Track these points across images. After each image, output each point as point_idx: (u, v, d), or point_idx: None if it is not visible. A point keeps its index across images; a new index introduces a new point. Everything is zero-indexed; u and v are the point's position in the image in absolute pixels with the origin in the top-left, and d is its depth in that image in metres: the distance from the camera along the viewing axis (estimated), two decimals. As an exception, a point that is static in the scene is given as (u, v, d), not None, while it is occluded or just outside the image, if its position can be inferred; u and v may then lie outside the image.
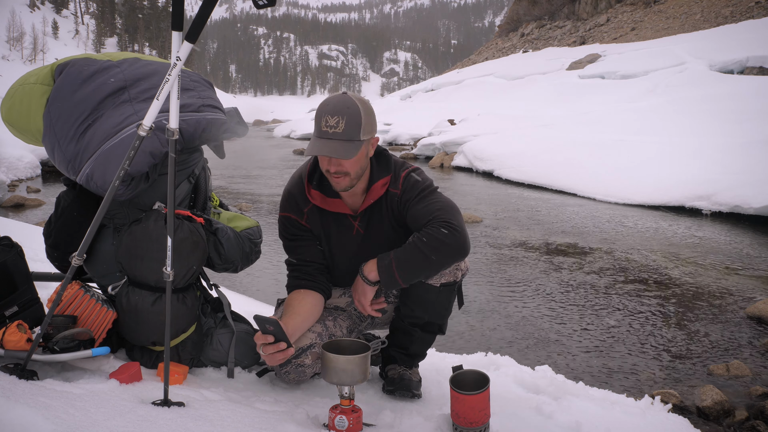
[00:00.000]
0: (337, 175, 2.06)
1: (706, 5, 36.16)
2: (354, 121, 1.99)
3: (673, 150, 11.34)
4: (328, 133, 1.99)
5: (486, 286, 5.57)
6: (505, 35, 58.52)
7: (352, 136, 1.99)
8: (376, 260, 2.12)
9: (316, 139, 2.02)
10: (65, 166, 2.13)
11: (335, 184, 2.10)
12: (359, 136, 2.01)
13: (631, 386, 3.56)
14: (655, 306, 5.01)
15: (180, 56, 1.75)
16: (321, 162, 2.09)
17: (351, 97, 2.04)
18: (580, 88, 22.65)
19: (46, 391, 1.72)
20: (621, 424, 2.21)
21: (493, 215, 9.17)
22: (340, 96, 2.04)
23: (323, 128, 2.00)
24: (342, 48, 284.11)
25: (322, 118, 2.01)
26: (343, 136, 1.99)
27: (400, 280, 2.08)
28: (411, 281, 2.10)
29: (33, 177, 12.48)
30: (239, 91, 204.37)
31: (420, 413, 2.13)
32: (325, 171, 2.08)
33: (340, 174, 2.05)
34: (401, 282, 2.08)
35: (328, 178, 2.11)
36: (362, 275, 2.16)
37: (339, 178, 2.06)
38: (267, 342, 1.93)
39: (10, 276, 2.12)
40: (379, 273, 2.10)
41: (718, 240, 7.45)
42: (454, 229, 2.03)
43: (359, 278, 2.18)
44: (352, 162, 2.04)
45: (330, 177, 2.09)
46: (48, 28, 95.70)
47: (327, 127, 1.99)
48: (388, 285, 2.11)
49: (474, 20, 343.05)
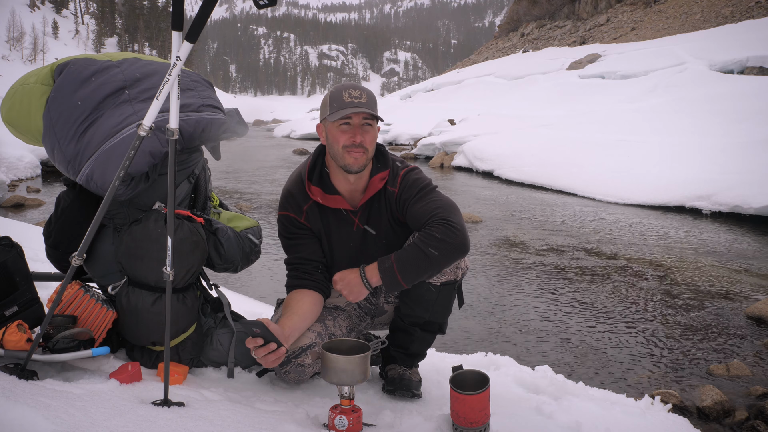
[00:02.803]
0: (357, 149, 2.08)
1: (706, 5, 36.15)
2: (372, 98, 2.12)
3: (673, 150, 11.34)
4: (353, 102, 2.06)
5: (486, 285, 5.57)
6: (505, 35, 58.50)
7: (374, 108, 2.10)
8: (377, 264, 2.10)
9: (341, 110, 2.06)
10: (65, 166, 2.13)
11: (353, 161, 2.09)
12: (377, 112, 2.11)
13: (631, 386, 3.56)
14: (655, 306, 5.01)
15: (180, 56, 1.75)
16: (339, 139, 2.09)
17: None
18: (580, 88, 22.62)
19: (46, 391, 1.72)
20: (621, 424, 2.20)
21: (493, 215, 9.17)
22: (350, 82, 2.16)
23: (347, 99, 2.07)
24: (342, 48, 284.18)
25: (344, 92, 2.08)
26: (367, 107, 2.07)
27: (402, 282, 2.07)
28: (413, 282, 2.10)
29: (33, 177, 12.47)
30: (239, 91, 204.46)
31: (420, 413, 2.13)
32: (342, 148, 2.09)
33: (361, 148, 2.08)
34: (404, 283, 2.08)
35: (344, 158, 2.10)
36: (363, 277, 2.12)
37: (359, 152, 2.08)
38: (257, 345, 1.92)
39: (10, 276, 2.12)
40: (381, 276, 2.08)
41: (718, 240, 7.45)
42: (454, 228, 2.04)
43: (357, 277, 2.13)
44: (372, 137, 2.12)
45: (348, 154, 2.09)
46: (48, 28, 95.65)
47: (351, 98, 2.07)
48: (391, 287, 2.10)
49: (474, 20, 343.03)
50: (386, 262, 2.08)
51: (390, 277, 2.07)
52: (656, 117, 14.31)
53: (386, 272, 2.07)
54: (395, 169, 2.22)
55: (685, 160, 10.61)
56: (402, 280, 2.06)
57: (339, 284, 2.17)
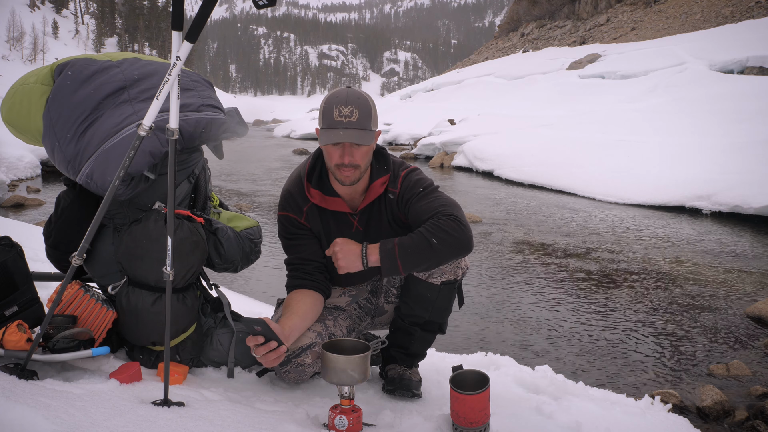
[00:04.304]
0: (347, 168, 2.04)
1: (706, 5, 36.15)
2: (366, 111, 2.02)
3: (673, 150, 11.35)
4: (342, 122, 1.99)
5: (486, 285, 5.57)
6: (505, 35, 58.49)
7: (365, 125, 2.02)
8: (379, 244, 2.05)
9: (329, 130, 2.00)
10: (65, 166, 2.13)
11: (344, 177, 2.07)
12: (371, 125, 2.04)
13: (631, 386, 3.56)
14: (655, 306, 5.01)
15: (180, 56, 1.75)
16: (331, 156, 2.05)
17: (357, 90, 2.06)
18: (580, 88, 22.63)
19: (46, 391, 1.72)
20: (621, 424, 2.21)
21: (493, 215, 9.17)
22: (347, 89, 2.06)
23: (337, 118, 2.00)
24: (342, 48, 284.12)
25: (334, 108, 2.00)
26: (358, 125, 2.00)
27: (401, 267, 2.02)
28: (411, 270, 2.06)
29: (33, 177, 12.47)
30: (239, 91, 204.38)
31: (420, 413, 2.13)
32: (334, 166, 2.06)
33: (351, 167, 2.04)
34: (401, 268, 2.02)
35: (336, 173, 2.08)
36: (364, 252, 2.05)
37: (349, 171, 2.05)
38: (258, 343, 1.92)
39: (10, 276, 2.12)
40: (380, 257, 2.02)
41: (718, 240, 7.45)
42: (461, 223, 2.02)
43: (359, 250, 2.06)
44: (363, 153, 2.05)
45: (339, 171, 2.06)
46: (48, 28, 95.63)
47: (341, 117, 1.99)
48: (389, 270, 2.03)
49: (474, 20, 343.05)
50: (388, 244, 2.03)
51: (389, 260, 2.01)
52: (656, 117, 14.31)
53: (387, 254, 2.02)
54: (396, 171, 2.21)
55: (685, 160, 10.62)
56: (401, 265, 2.01)
57: (336, 248, 2.08)
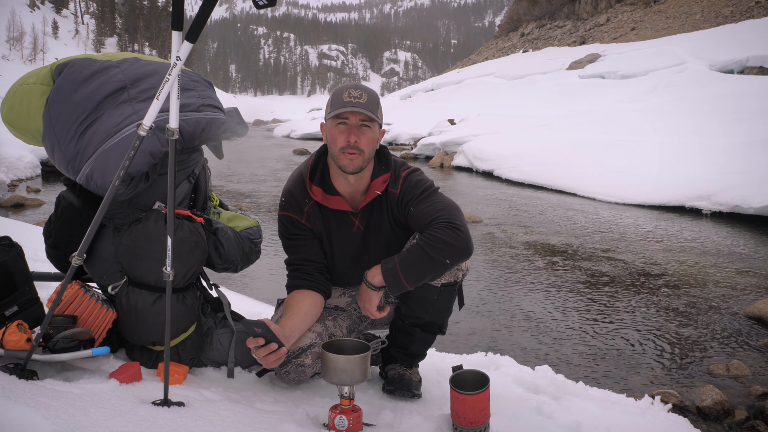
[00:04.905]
0: (352, 151, 2.06)
1: (706, 5, 36.15)
2: (374, 100, 2.09)
3: (673, 150, 11.35)
4: (352, 102, 2.05)
5: (486, 285, 5.57)
6: (505, 35, 58.49)
7: (373, 110, 2.07)
8: (380, 266, 2.10)
9: (338, 110, 2.06)
10: (65, 166, 2.13)
11: (348, 162, 2.08)
12: (377, 114, 2.09)
13: (631, 386, 3.56)
14: (655, 306, 5.01)
15: (180, 56, 1.75)
16: (337, 140, 2.08)
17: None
18: (580, 88, 22.65)
19: (46, 391, 1.72)
20: (621, 424, 2.21)
21: (493, 215, 9.17)
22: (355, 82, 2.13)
23: (346, 99, 2.06)
24: (342, 48, 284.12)
25: (344, 92, 2.08)
26: (366, 108, 2.05)
27: (406, 284, 2.06)
28: (417, 284, 2.09)
29: (33, 177, 12.47)
30: (239, 91, 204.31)
31: (420, 413, 2.13)
32: (338, 150, 2.08)
33: (356, 150, 2.06)
34: (407, 285, 2.06)
35: (340, 159, 2.09)
36: (366, 281, 2.14)
37: (354, 155, 2.07)
38: (258, 345, 1.92)
39: (10, 276, 2.12)
40: (384, 277, 2.07)
41: (718, 240, 7.45)
42: (458, 230, 2.03)
43: (364, 285, 2.16)
44: (369, 140, 2.09)
45: (344, 155, 2.08)
46: (48, 28, 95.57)
47: (351, 98, 2.05)
48: (395, 289, 2.09)
49: (474, 20, 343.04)
50: (389, 264, 2.08)
51: (393, 279, 2.06)
52: (656, 117, 14.32)
53: (389, 273, 2.07)
54: (397, 170, 2.21)
55: (685, 160, 10.61)
56: (405, 281, 2.05)
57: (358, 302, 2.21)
